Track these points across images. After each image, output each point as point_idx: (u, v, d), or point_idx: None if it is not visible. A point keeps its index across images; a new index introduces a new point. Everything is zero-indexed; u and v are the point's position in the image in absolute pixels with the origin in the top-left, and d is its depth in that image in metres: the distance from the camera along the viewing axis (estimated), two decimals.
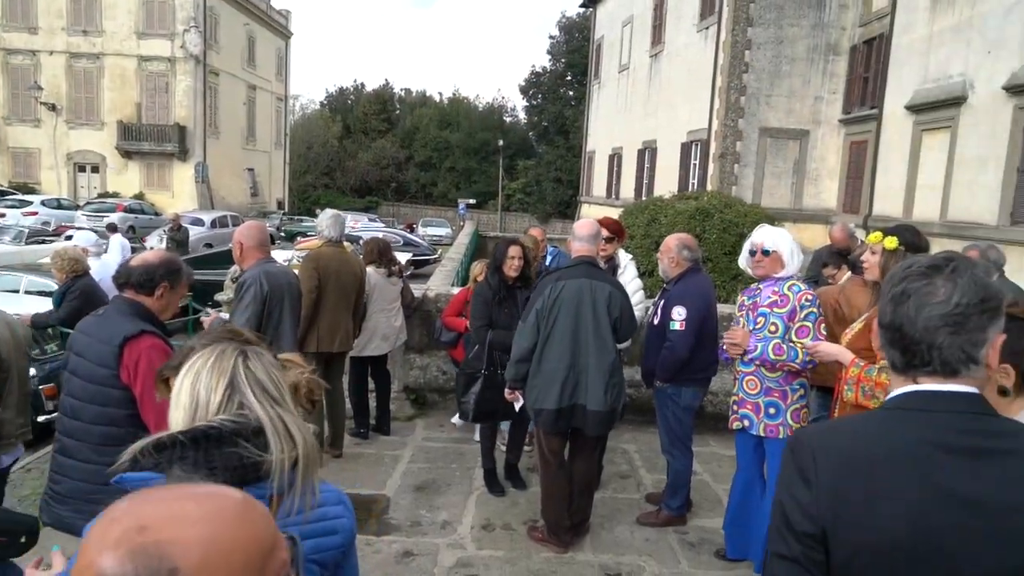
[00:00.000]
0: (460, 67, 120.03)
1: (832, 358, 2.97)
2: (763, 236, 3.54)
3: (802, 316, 3.40)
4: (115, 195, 30.12)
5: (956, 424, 1.16)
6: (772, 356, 3.41)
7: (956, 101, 13.03)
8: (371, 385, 5.71)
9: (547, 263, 5.52)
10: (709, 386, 4.45)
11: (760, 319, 3.49)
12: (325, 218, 5.17)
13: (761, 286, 3.57)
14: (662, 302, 4.16)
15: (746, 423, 3.57)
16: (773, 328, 3.44)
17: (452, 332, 5.41)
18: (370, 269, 5.40)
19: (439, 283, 7.79)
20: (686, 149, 20.25)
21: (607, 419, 3.81)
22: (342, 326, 5.00)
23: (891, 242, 2.86)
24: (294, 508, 1.10)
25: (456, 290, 6.16)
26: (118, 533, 0.63)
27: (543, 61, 51.65)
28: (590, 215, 27.71)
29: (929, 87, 13.92)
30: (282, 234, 27.07)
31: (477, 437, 5.13)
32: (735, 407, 3.65)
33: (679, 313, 3.96)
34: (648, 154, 23.74)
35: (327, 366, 5.09)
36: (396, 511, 4.39)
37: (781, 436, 3.46)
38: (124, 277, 2.56)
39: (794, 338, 3.39)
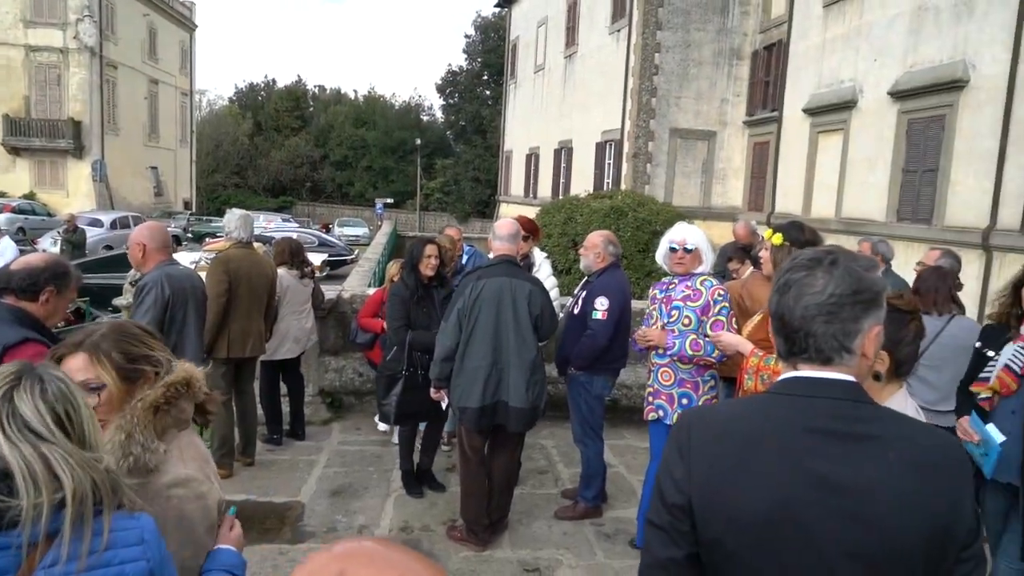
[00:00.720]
0: (375, 65, 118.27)
1: (734, 349, 3.12)
2: (684, 234, 3.62)
3: (716, 311, 3.51)
4: (1, 195, 28.01)
5: (828, 409, 1.20)
6: (690, 352, 3.52)
7: (847, 105, 13.88)
8: (283, 389, 5.56)
9: (463, 262, 5.52)
10: (618, 377, 4.58)
11: (674, 312, 3.59)
12: (233, 219, 4.98)
13: (675, 280, 3.66)
14: (583, 293, 4.29)
15: (660, 413, 3.65)
16: (687, 321, 3.55)
17: (368, 333, 5.32)
18: (282, 270, 5.25)
19: (356, 284, 7.65)
20: (601, 149, 20.68)
21: (529, 416, 3.86)
22: (254, 330, 4.84)
23: (777, 238, 3.04)
24: (63, 556, 1.01)
25: (372, 291, 6.07)
26: (321, 564, 0.69)
27: (460, 60, 51.51)
28: (508, 214, 27.88)
29: (823, 92, 14.76)
30: (189, 235, 25.90)
31: (396, 439, 5.07)
32: (650, 398, 3.73)
33: (602, 303, 4.10)
34: (564, 154, 24.11)
35: (238, 371, 4.92)
36: (311, 518, 4.29)
37: None
38: (4, 282, 2.39)
39: (709, 332, 3.48)
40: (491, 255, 4.26)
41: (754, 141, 17.93)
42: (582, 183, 20.82)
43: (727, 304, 3.56)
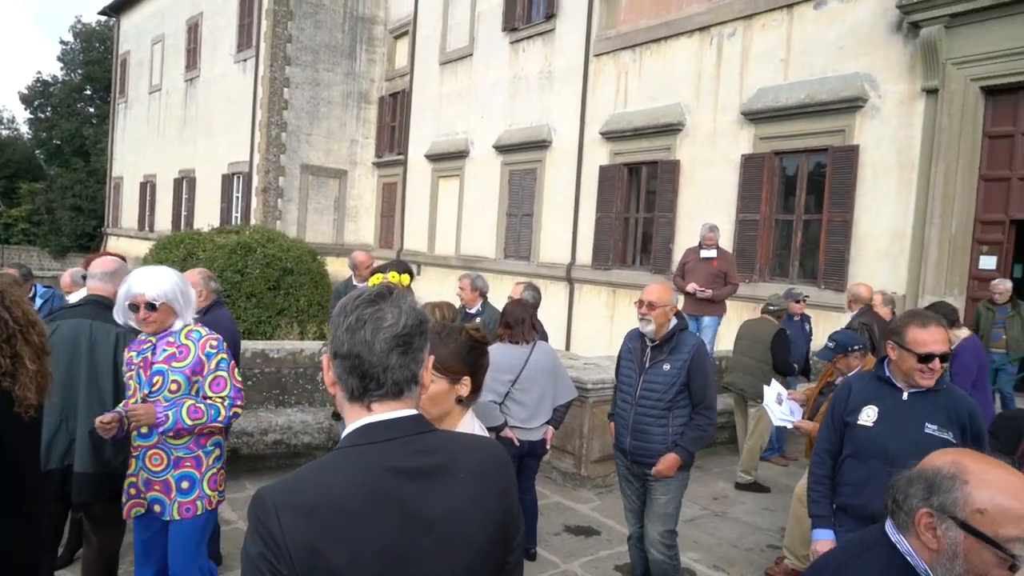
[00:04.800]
0: None
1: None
2: (143, 286, 2.82)
3: (213, 366, 2.90)
4: None
5: (405, 449, 1.23)
6: (189, 422, 2.80)
7: (462, 154, 15.48)
8: None
9: (37, 306, 4.65)
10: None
11: (156, 378, 2.84)
12: None
13: (154, 338, 2.92)
14: None
15: (157, 508, 2.89)
16: (175, 387, 2.84)
17: None
18: None
19: None
20: (228, 181, 19.55)
21: (96, 485, 3.19)
22: None
23: (405, 279, 3.20)
24: None
25: None
26: None
27: (54, 69, 43.95)
28: (119, 248, 24.51)
29: (442, 140, 16.23)
30: None
31: None
32: (132, 491, 2.94)
33: None
34: (187, 184, 22.20)
35: None
36: None
37: (200, 512, 2.94)
38: None
39: (210, 392, 2.90)
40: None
41: (383, 181, 18.81)
42: (207, 217, 19.38)
43: (225, 355, 2.95)
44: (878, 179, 8.48)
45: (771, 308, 6.31)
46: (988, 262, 7.81)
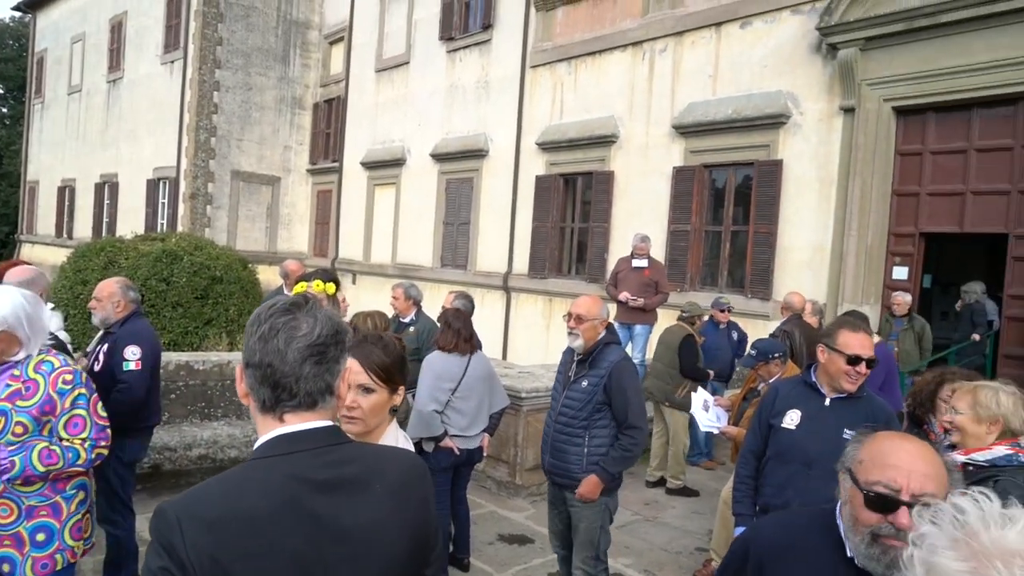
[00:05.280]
0: None
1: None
2: None
3: (68, 404, 2.50)
4: None
5: (318, 460, 1.21)
6: (42, 468, 2.44)
7: (398, 162, 15.36)
8: None
9: None
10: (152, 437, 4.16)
11: None
12: None
13: None
14: (105, 345, 3.77)
15: (6, 567, 2.51)
16: (20, 430, 2.43)
17: None
18: None
19: None
20: (153, 187, 18.83)
21: None
22: None
23: (331, 288, 3.14)
24: None
25: None
26: None
27: None
28: (34, 256, 23.26)
29: (378, 148, 16.07)
30: None
31: None
32: None
33: (133, 352, 3.72)
34: (109, 189, 21.27)
35: None
36: None
37: (60, 567, 2.57)
38: None
39: (65, 434, 2.52)
40: None
41: (318, 189, 18.47)
42: (131, 223, 18.58)
43: (84, 390, 2.56)
44: (800, 193, 8.84)
45: (683, 315, 6.51)
46: (900, 272, 8.24)
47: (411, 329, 5.38)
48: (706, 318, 6.97)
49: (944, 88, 7.59)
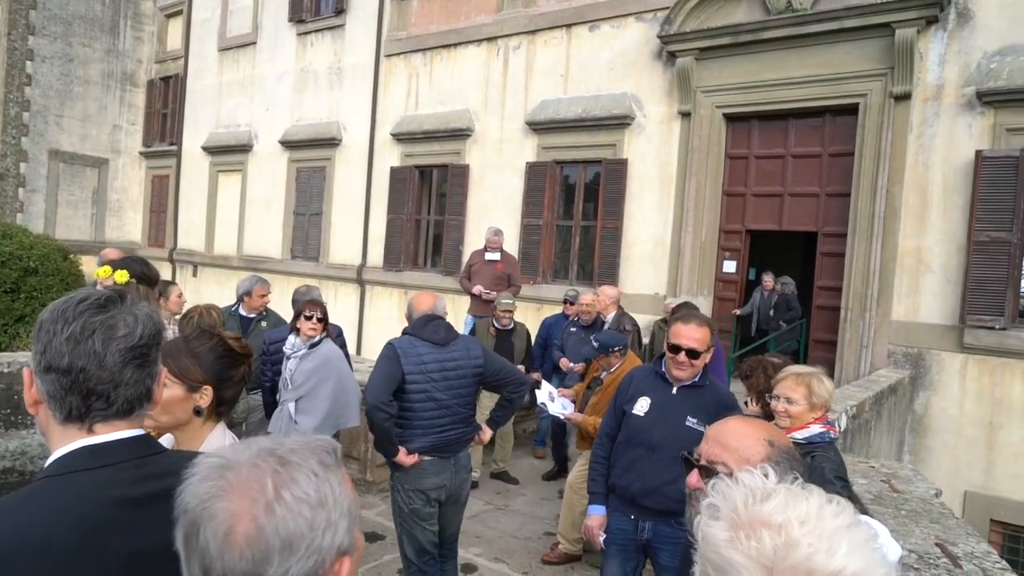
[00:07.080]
0: None
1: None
2: None
3: None
4: None
5: (127, 475, 1.10)
6: None
7: (245, 148, 14.53)
8: None
9: None
10: None
11: None
12: None
13: None
14: None
15: None
16: None
17: None
18: None
19: None
20: None
21: None
22: None
23: (122, 276, 2.90)
24: None
25: None
26: None
27: None
28: None
29: (222, 132, 15.11)
30: None
31: None
32: None
33: None
34: None
35: None
36: None
37: None
38: None
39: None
40: None
41: (153, 174, 17.07)
42: None
43: None
44: (644, 191, 9.37)
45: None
46: (730, 266, 8.98)
47: (263, 324, 5.16)
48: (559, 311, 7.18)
49: (765, 99, 8.34)
